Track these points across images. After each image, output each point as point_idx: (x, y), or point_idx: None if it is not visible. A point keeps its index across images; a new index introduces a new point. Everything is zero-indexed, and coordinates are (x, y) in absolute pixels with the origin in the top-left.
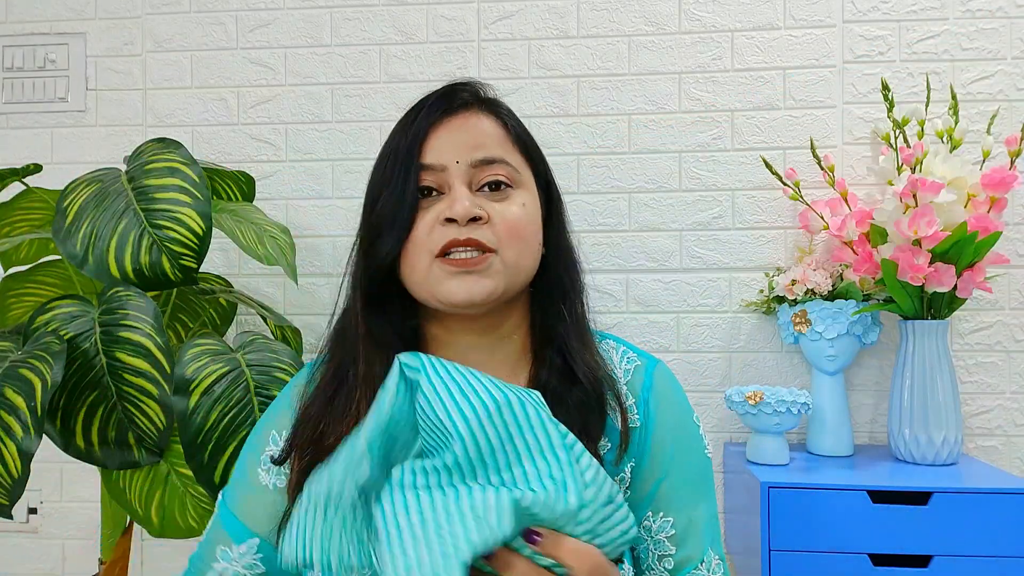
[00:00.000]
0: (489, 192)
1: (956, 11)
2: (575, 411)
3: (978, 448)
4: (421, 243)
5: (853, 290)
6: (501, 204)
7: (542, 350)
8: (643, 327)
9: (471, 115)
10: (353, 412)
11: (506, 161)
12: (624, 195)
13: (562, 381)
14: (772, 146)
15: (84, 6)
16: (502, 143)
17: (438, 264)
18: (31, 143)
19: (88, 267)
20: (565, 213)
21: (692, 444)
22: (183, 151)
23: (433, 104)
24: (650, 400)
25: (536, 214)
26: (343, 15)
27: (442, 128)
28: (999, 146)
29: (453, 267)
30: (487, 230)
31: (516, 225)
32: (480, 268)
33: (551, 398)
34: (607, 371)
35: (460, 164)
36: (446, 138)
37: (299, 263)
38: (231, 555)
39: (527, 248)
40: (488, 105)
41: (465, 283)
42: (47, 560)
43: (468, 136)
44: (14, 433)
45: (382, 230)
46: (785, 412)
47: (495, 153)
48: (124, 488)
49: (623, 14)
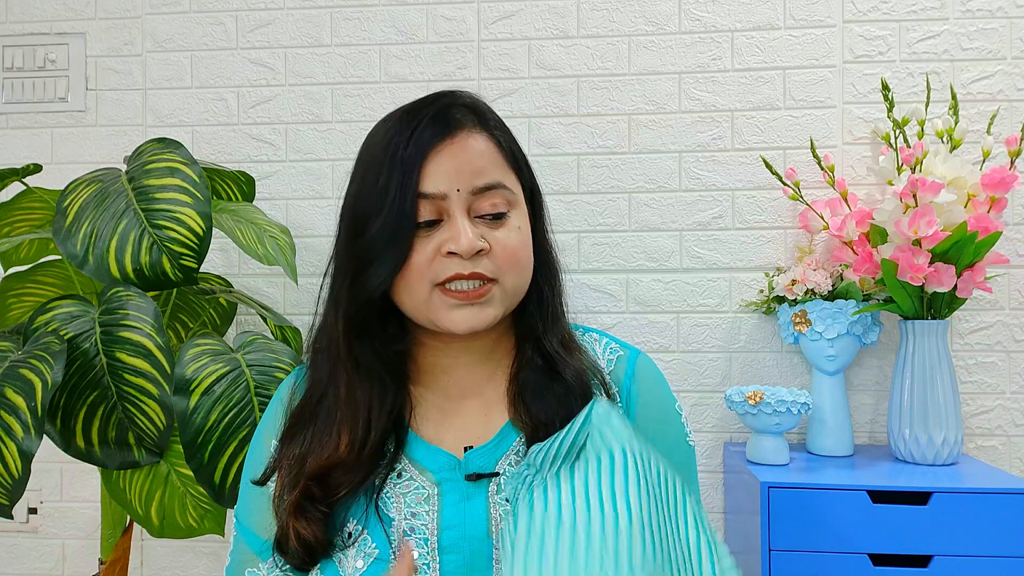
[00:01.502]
0: (489, 221)
1: (956, 11)
2: (556, 403)
3: (978, 448)
4: (420, 272)
5: (853, 290)
6: (500, 231)
7: (522, 350)
8: (643, 327)
9: (467, 136)
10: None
11: (504, 185)
12: (624, 195)
13: (542, 376)
14: (772, 146)
15: (84, 6)
16: (498, 164)
17: (438, 294)
18: (31, 143)
19: (88, 267)
20: (547, 215)
21: (672, 432)
22: (183, 151)
23: (427, 127)
24: (632, 389)
25: (528, 232)
26: (343, 15)
27: (439, 154)
28: (999, 146)
29: (455, 299)
30: (489, 261)
31: (516, 253)
32: (483, 299)
33: (531, 393)
34: (592, 362)
35: (461, 192)
36: (445, 164)
37: (299, 263)
38: (260, 573)
39: (525, 272)
40: (478, 117)
41: (468, 314)
42: (47, 560)
43: (466, 162)
44: (14, 433)
45: (373, 259)
46: (785, 412)
47: (494, 178)
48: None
49: (623, 14)
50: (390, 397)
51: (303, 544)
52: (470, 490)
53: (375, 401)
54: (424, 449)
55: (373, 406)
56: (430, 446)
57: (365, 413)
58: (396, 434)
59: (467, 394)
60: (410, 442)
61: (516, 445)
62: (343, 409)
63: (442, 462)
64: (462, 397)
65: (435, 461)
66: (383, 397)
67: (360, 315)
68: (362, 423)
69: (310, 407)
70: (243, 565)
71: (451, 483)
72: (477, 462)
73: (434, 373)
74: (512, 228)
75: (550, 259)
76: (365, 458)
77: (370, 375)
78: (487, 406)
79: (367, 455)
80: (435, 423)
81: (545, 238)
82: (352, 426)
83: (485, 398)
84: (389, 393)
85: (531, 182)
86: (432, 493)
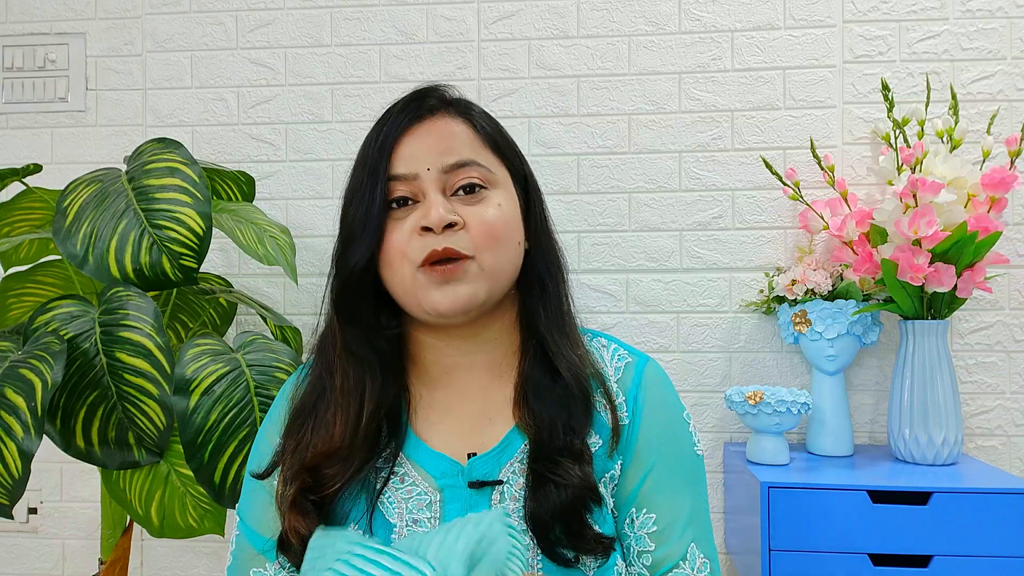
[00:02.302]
0: (464, 196)
1: (956, 11)
2: (557, 405)
3: (978, 448)
4: (400, 252)
5: (853, 290)
6: (477, 207)
7: (527, 349)
8: (643, 327)
9: (438, 119)
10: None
11: (478, 163)
12: (624, 195)
13: (545, 374)
14: (772, 146)
15: (84, 6)
16: (472, 144)
17: (422, 273)
18: (31, 143)
19: (88, 267)
20: (545, 207)
21: (679, 441)
22: (183, 151)
23: (400, 112)
24: (639, 397)
25: (514, 213)
26: (343, 15)
27: (410, 135)
28: (999, 146)
29: (434, 276)
30: (463, 236)
31: (493, 227)
32: (457, 275)
33: (534, 390)
34: (596, 368)
35: (431, 171)
36: (415, 145)
37: (299, 263)
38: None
39: (505, 249)
40: (456, 107)
41: (447, 293)
42: (47, 560)
43: (436, 141)
44: (14, 433)
45: (352, 239)
46: (785, 412)
47: (465, 155)
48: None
49: (623, 14)
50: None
51: (303, 542)
52: (473, 498)
53: (368, 387)
54: (426, 453)
55: (366, 392)
56: (432, 451)
57: (358, 399)
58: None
59: (470, 397)
60: (412, 444)
61: (520, 452)
62: (338, 398)
63: (445, 468)
64: (464, 399)
65: (437, 466)
66: (374, 383)
67: (347, 298)
68: (354, 408)
69: (310, 401)
70: (245, 563)
71: (453, 490)
72: (481, 469)
73: (435, 373)
74: (490, 204)
75: (554, 253)
76: (358, 445)
77: (362, 363)
78: (490, 410)
79: (359, 442)
80: (437, 425)
81: (547, 231)
82: (345, 412)
83: (488, 402)
84: (379, 380)
85: (521, 170)
86: (434, 499)
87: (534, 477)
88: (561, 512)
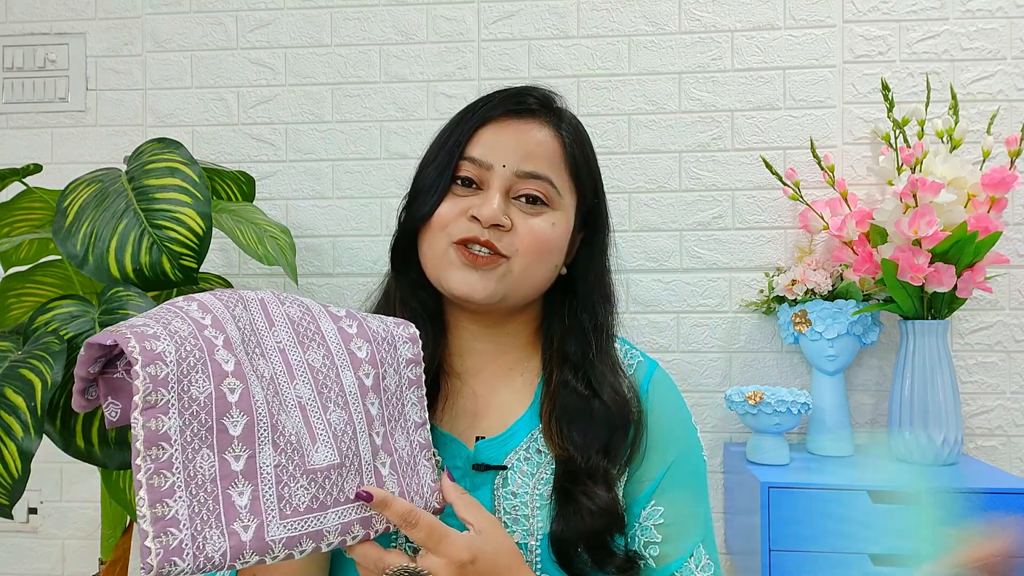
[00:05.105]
0: (524, 204)
1: (956, 11)
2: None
3: (978, 448)
4: (443, 224)
5: (853, 290)
6: (531, 219)
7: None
8: (643, 327)
9: (532, 122)
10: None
11: (551, 180)
12: (624, 195)
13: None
14: (772, 146)
15: (84, 6)
16: (552, 160)
17: (453, 248)
18: (31, 143)
19: (88, 267)
20: (608, 244)
21: (690, 442)
22: (183, 151)
23: (500, 101)
24: (650, 396)
25: (563, 238)
26: (343, 15)
27: (500, 125)
28: (999, 146)
29: (464, 258)
30: (506, 237)
31: (538, 240)
32: (487, 268)
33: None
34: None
35: (506, 168)
36: (500, 137)
37: (299, 263)
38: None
39: (540, 265)
40: (553, 116)
41: (468, 278)
42: (47, 560)
43: (522, 143)
44: (14, 433)
45: (415, 199)
46: (785, 412)
47: (543, 169)
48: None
49: (623, 14)
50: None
51: None
52: (476, 480)
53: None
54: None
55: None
56: (442, 432)
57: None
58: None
59: (482, 381)
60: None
61: (527, 441)
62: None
63: (452, 449)
64: (477, 383)
65: (445, 447)
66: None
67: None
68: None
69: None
70: None
71: (458, 471)
72: (487, 453)
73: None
74: (545, 221)
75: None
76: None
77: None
78: (501, 397)
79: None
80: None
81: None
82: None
83: (500, 389)
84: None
85: (592, 203)
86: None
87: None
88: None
